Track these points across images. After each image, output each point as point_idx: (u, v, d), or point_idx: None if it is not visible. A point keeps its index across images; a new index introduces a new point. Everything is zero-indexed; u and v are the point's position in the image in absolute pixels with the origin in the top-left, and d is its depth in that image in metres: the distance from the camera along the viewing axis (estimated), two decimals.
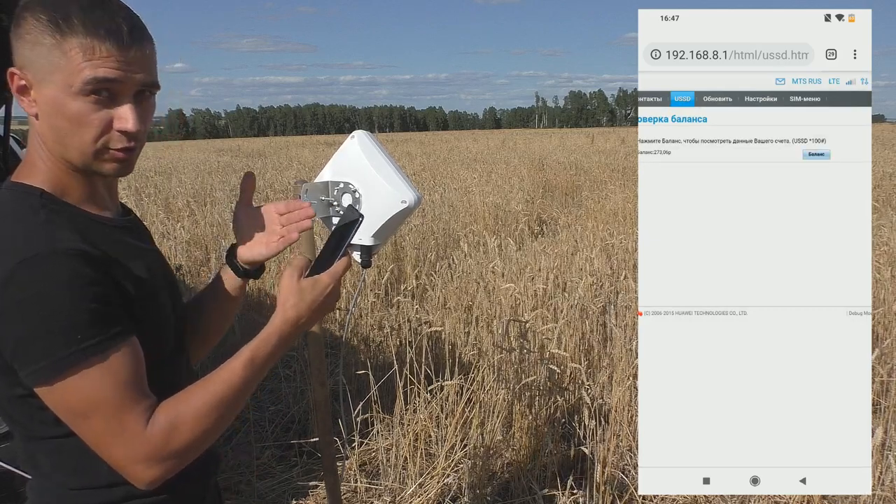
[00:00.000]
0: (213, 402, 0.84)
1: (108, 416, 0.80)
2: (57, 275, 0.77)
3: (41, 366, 0.77)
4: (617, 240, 5.06)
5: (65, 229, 0.82)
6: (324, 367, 1.37)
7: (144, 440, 0.80)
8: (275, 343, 0.90)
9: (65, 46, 0.81)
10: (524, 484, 2.59)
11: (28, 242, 0.79)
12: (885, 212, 6.29)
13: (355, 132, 1.07)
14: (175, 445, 0.82)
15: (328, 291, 0.93)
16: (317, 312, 0.93)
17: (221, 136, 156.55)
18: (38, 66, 0.82)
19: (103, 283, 0.81)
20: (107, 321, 0.80)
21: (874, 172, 7.60)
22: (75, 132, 0.84)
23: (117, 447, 0.81)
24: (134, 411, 0.80)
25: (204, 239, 6.43)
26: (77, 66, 0.81)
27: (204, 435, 0.84)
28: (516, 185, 9.43)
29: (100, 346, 0.79)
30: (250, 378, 0.88)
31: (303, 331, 0.94)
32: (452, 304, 3.93)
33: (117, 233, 0.92)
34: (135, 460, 0.81)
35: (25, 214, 0.83)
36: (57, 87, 0.82)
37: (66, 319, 0.77)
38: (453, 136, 45.53)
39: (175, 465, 0.83)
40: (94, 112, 0.83)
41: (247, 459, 2.89)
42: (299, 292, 0.92)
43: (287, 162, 17.22)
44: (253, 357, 0.88)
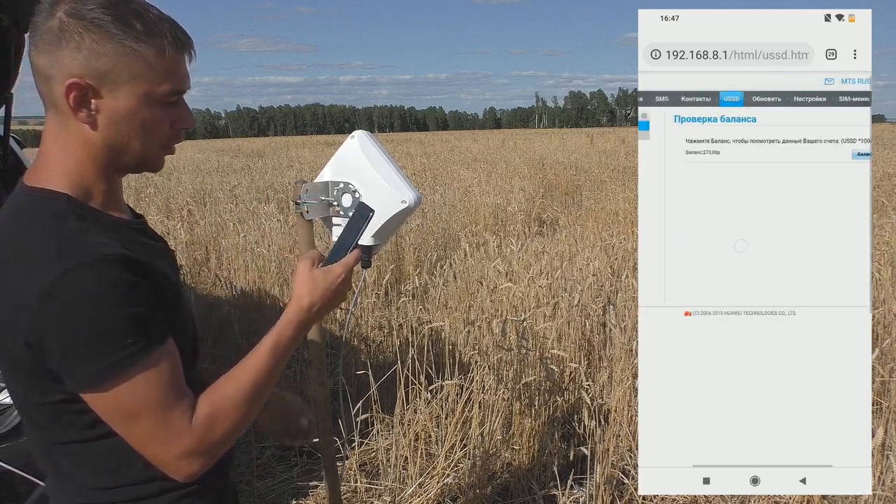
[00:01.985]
0: (247, 389, 0.89)
1: (155, 416, 0.83)
2: (101, 282, 0.79)
3: (90, 373, 0.80)
4: (617, 240, 5.05)
5: (98, 234, 0.84)
6: (324, 367, 1.37)
7: (189, 435, 0.84)
8: (294, 329, 0.95)
9: (148, 59, 0.84)
10: (524, 484, 2.59)
11: (67, 251, 0.80)
12: (886, 211, 6.28)
13: (355, 132, 1.07)
14: (217, 436, 0.86)
15: (339, 281, 0.99)
16: (330, 301, 0.99)
17: (221, 136, 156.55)
18: (112, 76, 0.84)
19: (143, 287, 0.83)
20: (150, 324, 0.83)
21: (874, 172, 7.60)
22: (144, 136, 0.89)
23: (163, 444, 0.84)
24: (178, 409, 0.84)
25: (204, 239, 6.43)
26: (160, 76, 0.86)
27: (241, 423, 0.89)
28: (517, 185, 9.43)
29: (146, 349, 0.82)
30: (276, 364, 0.93)
31: (317, 318, 0.99)
32: (453, 304, 3.93)
33: (138, 234, 0.95)
34: (180, 455, 0.84)
35: (54, 222, 0.83)
36: (134, 95, 0.85)
37: (114, 325, 0.80)
38: (453, 136, 45.53)
39: (214, 456, 0.88)
40: (165, 117, 0.90)
41: (247, 459, 2.89)
42: (312, 281, 0.97)
43: (287, 162, 17.23)
44: (276, 343, 0.93)
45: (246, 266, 5.26)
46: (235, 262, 5.43)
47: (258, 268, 5.15)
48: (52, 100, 0.85)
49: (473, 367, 2.86)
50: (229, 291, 5.05)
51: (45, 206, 0.85)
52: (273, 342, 0.93)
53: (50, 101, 0.86)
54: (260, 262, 5.18)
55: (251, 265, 5.22)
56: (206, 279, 5.64)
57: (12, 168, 2.42)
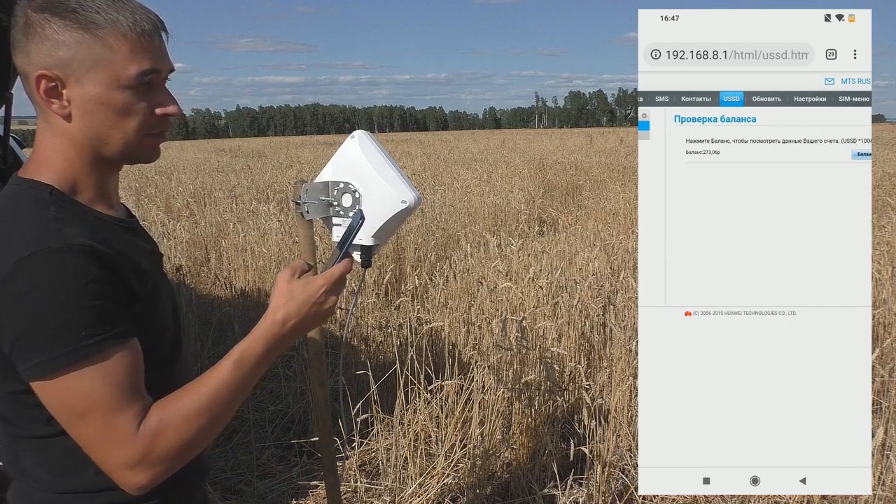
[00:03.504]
0: (202, 403, 0.82)
1: (101, 417, 0.79)
2: (62, 270, 0.77)
3: (40, 361, 0.77)
4: (617, 240, 5.05)
5: (74, 225, 0.82)
6: (324, 367, 1.37)
7: (133, 445, 0.79)
8: (262, 344, 0.87)
9: (109, 42, 0.82)
10: (524, 484, 2.59)
11: (35, 238, 0.78)
12: (886, 211, 6.29)
13: (355, 132, 1.07)
14: (163, 449, 0.80)
15: (319, 293, 0.89)
16: (307, 316, 0.89)
17: (221, 136, 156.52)
18: (74, 65, 0.82)
19: (109, 281, 0.80)
20: (109, 320, 0.79)
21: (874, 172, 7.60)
22: (120, 123, 0.86)
23: (108, 449, 0.80)
24: (127, 413, 0.79)
25: (204, 239, 6.43)
26: (123, 59, 0.83)
27: (195, 439, 0.83)
28: (517, 185, 9.43)
29: (100, 344, 0.78)
30: (240, 379, 0.85)
31: (295, 335, 0.90)
32: (453, 304, 3.93)
33: (121, 232, 0.92)
34: (124, 464, 0.80)
35: (33, 210, 0.83)
36: (100, 82, 0.83)
37: (69, 316, 0.77)
38: (453, 136, 45.52)
39: (165, 470, 0.82)
40: (139, 102, 0.86)
41: (247, 459, 2.89)
42: (290, 292, 0.89)
43: (287, 162, 17.22)
44: (241, 358, 0.85)
45: (246, 266, 5.27)
46: (235, 262, 5.44)
47: (258, 268, 5.15)
48: (33, 97, 0.86)
49: (473, 367, 2.86)
50: (229, 291, 5.05)
51: (28, 196, 0.85)
52: (238, 356, 0.85)
53: (32, 98, 0.86)
54: (260, 262, 5.18)
55: (251, 265, 5.22)
56: (206, 279, 5.64)
57: (12, 168, 2.43)
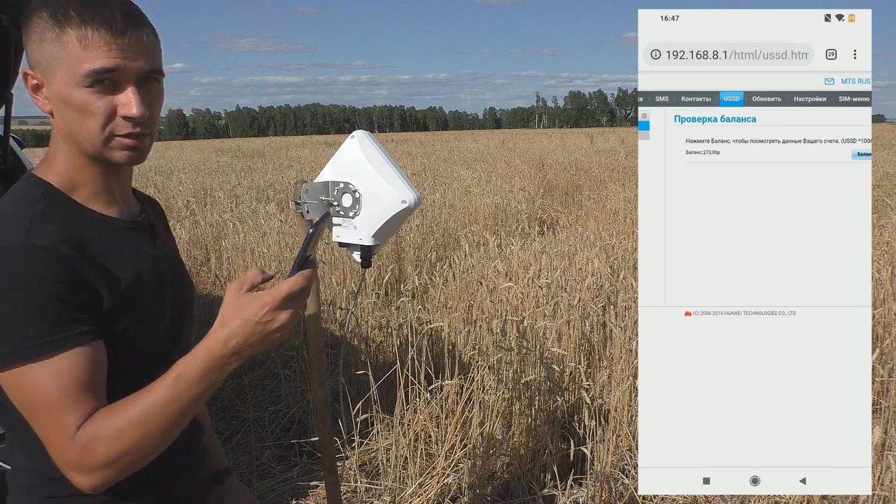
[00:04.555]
0: (135, 417, 0.79)
1: (47, 417, 0.79)
2: (20, 270, 0.78)
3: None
4: (617, 240, 5.05)
5: (51, 224, 0.83)
6: (324, 367, 1.37)
7: (72, 447, 0.79)
8: (202, 362, 0.80)
9: (63, 39, 0.83)
10: (524, 484, 2.59)
11: (3, 235, 0.80)
12: (886, 211, 6.29)
13: (355, 132, 1.07)
14: (97, 458, 0.79)
15: (264, 312, 0.79)
16: (253, 335, 0.80)
17: (221, 136, 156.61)
18: (45, 63, 0.85)
19: (67, 284, 0.80)
20: (64, 322, 0.79)
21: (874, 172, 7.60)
22: (82, 122, 0.85)
23: (52, 448, 0.80)
24: (71, 416, 0.79)
25: (204, 239, 6.43)
26: (75, 57, 0.83)
27: (129, 450, 0.80)
28: (517, 185, 9.43)
29: (49, 345, 0.78)
30: (177, 396, 0.80)
31: (238, 355, 0.81)
32: (453, 304, 3.93)
33: (118, 233, 0.92)
34: (66, 465, 0.80)
35: (21, 208, 0.85)
36: (61, 80, 0.84)
37: (21, 314, 0.78)
38: (453, 136, 45.52)
39: (109, 476, 0.80)
40: (98, 101, 0.84)
41: (247, 459, 2.89)
42: (235, 307, 0.80)
43: (287, 162, 17.22)
44: (180, 374, 0.80)
45: (246, 266, 5.27)
46: (235, 263, 5.44)
47: (258, 268, 5.15)
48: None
49: (473, 367, 2.86)
50: None
51: (24, 192, 0.87)
52: (177, 373, 0.80)
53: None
54: (260, 262, 5.18)
55: (251, 265, 5.22)
56: (206, 279, 5.64)
57: (12, 168, 2.43)
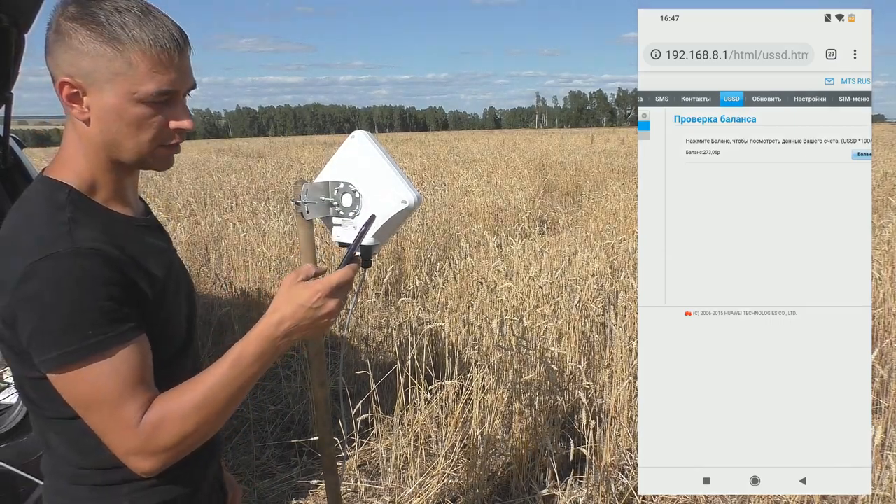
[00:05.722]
0: (200, 399, 0.87)
1: (107, 410, 0.84)
2: (73, 273, 0.82)
3: (51, 356, 0.83)
4: (617, 240, 5.05)
5: (87, 227, 0.87)
6: (324, 367, 1.37)
7: (135, 434, 0.85)
8: (257, 344, 0.89)
9: (129, 57, 0.85)
10: (524, 484, 2.59)
11: (50, 240, 0.83)
12: (886, 211, 6.28)
13: (355, 132, 1.07)
14: (163, 441, 0.85)
15: (315, 299, 0.90)
16: (302, 321, 0.90)
17: (221, 136, 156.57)
18: (94, 75, 0.86)
19: (118, 283, 0.85)
20: (116, 319, 0.84)
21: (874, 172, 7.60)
22: (134, 134, 0.89)
23: (113, 437, 0.86)
24: (131, 406, 0.85)
25: (204, 239, 6.43)
26: (142, 76, 0.86)
27: (193, 431, 0.87)
28: (517, 185, 9.43)
29: (106, 342, 0.83)
30: (236, 378, 0.88)
31: (289, 337, 0.91)
32: (453, 304, 3.93)
33: (139, 231, 0.97)
34: (128, 452, 0.86)
35: (50, 212, 0.87)
36: (117, 94, 0.87)
37: (78, 316, 0.82)
38: (453, 136, 45.51)
39: (170, 458, 0.87)
40: (153, 116, 0.89)
41: (247, 459, 2.90)
42: (287, 294, 0.91)
43: (287, 162, 17.21)
44: (239, 356, 0.89)
45: (246, 266, 5.27)
46: (235, 263, 5.44)
47: (258, 268, 5.15)
48: (60, 99, 0.90)
49: (473, 367, 2.86)
50: (229, 291, 5.05)
51: (48, 196, 0.89)
52: (236, 355, 0.89)
53: (59, 100, 0.90)
54: (260, 262, 5.18)
55: (251, 265, 5.22)
56: (206, 279, 5.64)
57: (12, 168, 2.42)
